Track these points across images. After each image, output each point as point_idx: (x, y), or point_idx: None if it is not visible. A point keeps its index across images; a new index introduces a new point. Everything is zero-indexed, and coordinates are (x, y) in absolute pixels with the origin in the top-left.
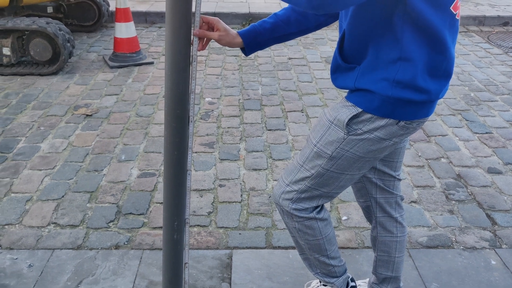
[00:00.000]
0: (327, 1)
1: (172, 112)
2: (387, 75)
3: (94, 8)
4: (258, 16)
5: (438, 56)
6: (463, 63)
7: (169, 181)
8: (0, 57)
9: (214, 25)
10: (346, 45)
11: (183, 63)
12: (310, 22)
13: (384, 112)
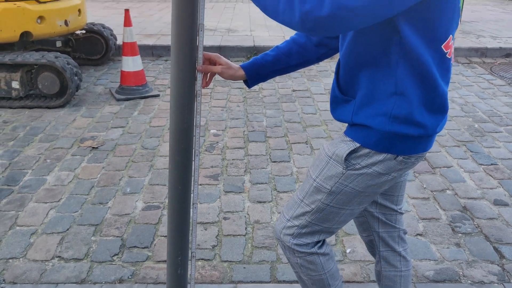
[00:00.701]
0: (320, 24)
1: (176, 146)
2: (383, 109)
3: (101, 42)
4: (262, 49)
5: (430, 92)
6: (466, 94)
7: (173, 216)
8: (9, 90)
9: (215, 61)
10: (342, 76)
11: (187, 99)
12: (311, 54)
13: (382, 147)
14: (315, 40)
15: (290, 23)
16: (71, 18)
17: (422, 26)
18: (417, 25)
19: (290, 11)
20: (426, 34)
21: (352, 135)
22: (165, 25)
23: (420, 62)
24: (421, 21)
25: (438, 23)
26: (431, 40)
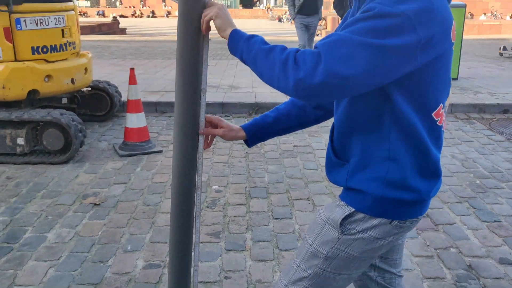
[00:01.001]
0: (313, 92)
1: (177, 208)
2: (377, 174)
3: (106, 99)
4: (264, 106)
5: (422, 157)
6: (466, 150)
7: (174, 276)
8: (14, 146)
9: (217, 123)
10: (336, 140)
11: (190, 162)
12: (310, 116)
13: (377, 212)
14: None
15: (285, 90)
16: (77, 76)
17: (413, 95)
18: (408, 93)
19: (285, 78)
20: (417, 103)
21: (347, 200)
22: (169, 82)
23: (412, 129)
24: (412, 90)
25: (429, 92)
26: (422, 108)
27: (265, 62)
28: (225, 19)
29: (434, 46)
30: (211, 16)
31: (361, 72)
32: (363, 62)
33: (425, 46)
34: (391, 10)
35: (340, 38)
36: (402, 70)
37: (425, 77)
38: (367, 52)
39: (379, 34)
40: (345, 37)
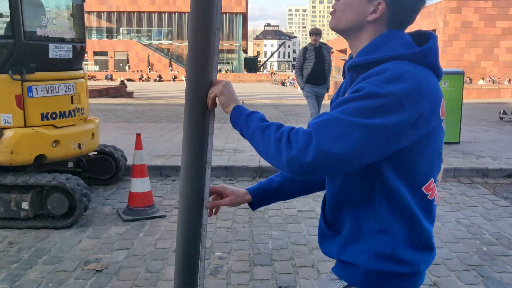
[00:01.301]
0: (305, 169)
1: (181, 279)
2: (368, 247)
3: (112, 163)
4: (268, 170)
5: (414, 230)
6: (472, 215)
7: None
8: (18, 211)
9: (222, 192)
10: (328, 211)
11: (194, 236)
12: (313, 182)
13: (369, 286)
14: None
15: (279, 167)
16: (85, 141)
17: (403, 170)
18: (398, 168)
19: (278, 155)
20: (407, 177)
21: (339, 273)
22: (174, 145)
23: (403, 203)
24: (402, 165)
25: (418, 167)
26: (412, 183)
27: (261, 139)
28: (229, 96)
29: (423, 124)
30: (216, 93)
31: (351, 150)
32: (353, 141)
33: (415, 124)
34: (380, 90)
35: (330, 118)
36: (392, 147)
37: (414, 153)
38: (357, 132)
39: (369, 113)
40: (336, 117)
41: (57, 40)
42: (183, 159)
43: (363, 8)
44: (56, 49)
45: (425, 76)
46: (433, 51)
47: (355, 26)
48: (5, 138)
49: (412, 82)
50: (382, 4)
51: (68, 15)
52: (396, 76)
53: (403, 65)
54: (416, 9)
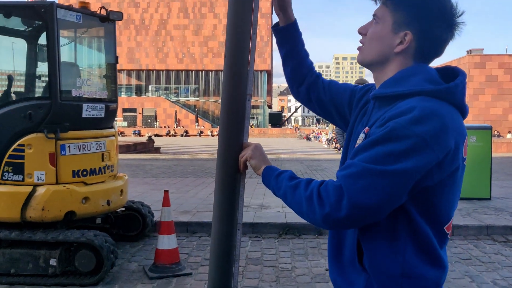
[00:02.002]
0: (340, 223)
1: None
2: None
3: (139, 219)
4: (294, 226)
5: (438, 272)
6: (509, 276)
7: None
8: (46, 267)
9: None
10: (346, 248)
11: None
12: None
13: None
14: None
15: (315, 224)
16: (113, 198)
17: (428, 209)
18: (423, 208)
19: (313, 214)
20: (431, 217)
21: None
22: (201, 201)
23: (428, 243)
24: (428, 205)
25: (443, 206)
26: (436, 222)
27: (293, 199)
28: (260, 159)
29: (448, 163)
30: (247, 157)
31: (384, 198)
32: (385, 190)
33: (441, 164)
34: (407, 132)
35: (359, 170)
36: (420, 186)
37: (439, 193)
38: (388, 180)
39: (396, 158)
40: (364, 168)
41: (91, 100)
42: (214, 219)
43: (390, 40)
44: (89, 108)
45: (450, 115)
46: (460, 89)
47: (381, 58)
48: (37, 195)
49: (438, 122)
50: (409, 35)
51: (101, 74)
52: (422, 117)
53: (429, 103)
54: (444, 40)
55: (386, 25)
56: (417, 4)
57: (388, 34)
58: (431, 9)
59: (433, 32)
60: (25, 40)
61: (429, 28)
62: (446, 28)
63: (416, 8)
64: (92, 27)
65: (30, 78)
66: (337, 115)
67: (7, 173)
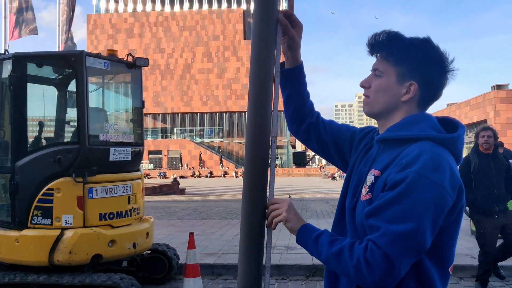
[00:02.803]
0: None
1: None
2: None
3: (165, 261)
4: (321, 268)
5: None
6: None
7: None
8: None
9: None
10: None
11: None
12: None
13: None
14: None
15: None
16: (139, 241)
17: (436, 252)
18: (431, 249)
19: (362, 279)
20: (438, 259)
21: None
22: (226, 242)
23: (430, 283)
24: (436, 248)
25: (449, 248)
26: (442, 264)
27: (339, 266)
28: (295, 221)
29: (457, 204)
30: (281, 220)
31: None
32: (425, 243)
33: (453, 205)
34: (428, 182)
35: (398, 235)
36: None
37: (447, 233)
38: (424, 232)
39: (424, 207)
40: (403, 231)
41: (118, 143)
42: (240, 262)
43: (396, 91)
44: (116, 152)
45: (452, 161)
46: (461, 140)
47: (389, 108)
48: (65, 238)
49: (449, 167)
50: (414, 85)
51: (128, 118)
52: (437, 164)
53: (438, 149)
54: (443, 86)
55: (391, 78)
56: (418, 57)
57: (394, 85)
58: (431, 60)
59: (434, 80)
60: (55, 88)
61: (430, 76)
62: (444, 74)
63: (417, 60)
64: (119, 73)
65: (59, 123)
66: (336, 153)
67: (36, 217)
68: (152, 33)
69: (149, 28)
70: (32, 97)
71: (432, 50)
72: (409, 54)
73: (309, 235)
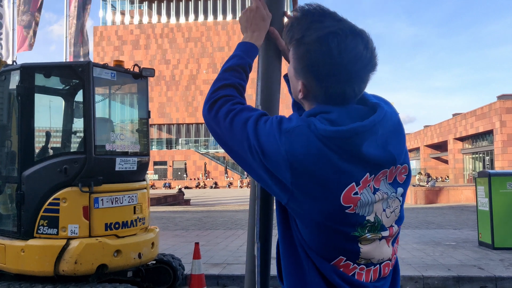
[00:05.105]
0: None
1: None
2: None
3: (170, 272)
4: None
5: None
6: None
7: None
8: None
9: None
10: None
11: None
12: None
13: None
14: None
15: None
16: (145, 251)
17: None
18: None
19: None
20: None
21: None
22: (231, 253)
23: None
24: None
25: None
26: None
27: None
28: (244, 26)
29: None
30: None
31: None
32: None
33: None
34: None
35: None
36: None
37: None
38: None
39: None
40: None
41: (123, 154)
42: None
43: (295, 86)
44: (122, 162)
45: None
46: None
47: (297, 101)
48: (70, 248)
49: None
50: (301, 85)
51: (134, 129)
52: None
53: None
54: (339, 81)
55: (291, 68)
56: (303, 58)
57: (294, 80)
58: (314, 62)
59: (321, 78)
60: (62, 98)
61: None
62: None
63: (302, 60)
64: (126, 83)
65: (66, 133)
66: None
67: (42, 226)
68: (158, 45)
69: (155, 40)
70: (39, 107)
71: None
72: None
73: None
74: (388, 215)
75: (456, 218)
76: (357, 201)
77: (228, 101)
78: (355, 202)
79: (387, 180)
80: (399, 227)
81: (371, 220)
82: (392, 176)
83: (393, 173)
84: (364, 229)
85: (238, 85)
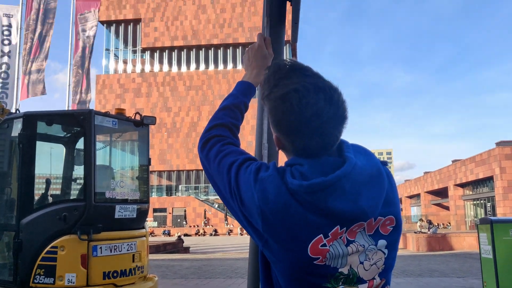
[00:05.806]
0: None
1: None
2: None
3: None
4: None
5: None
6: None
7: None
8: None
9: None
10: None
11: None
12: None
13: None
14: None
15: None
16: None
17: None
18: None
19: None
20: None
21: None
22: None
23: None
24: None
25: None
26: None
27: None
28: (247, 64)
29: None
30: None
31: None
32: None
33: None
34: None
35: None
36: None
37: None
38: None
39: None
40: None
41: (123, 201)
42: None
43: (276, 139)
44: (121, 209)
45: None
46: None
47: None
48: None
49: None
50: (275, 138)
51: (134, 176)
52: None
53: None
54: (303, 136)
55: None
56: (271, 113)
57: (275, 135)
58: (281, 120)
59: (291, 132)
60: (63, 145)
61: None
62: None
63: (270, 115)
64: (127, 131)
65: (66, 181)
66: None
67: (38, 275)
68: (159, 93)
69: (156, 88)
70: (40, 155)
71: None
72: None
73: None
74: (367, 267)
75: (459, 266)
76: (325, 253)
77: (219, 142)
78: (323, 254)
79: (366, 232)
80: (383, 280)
81: (344, 273)
82: (372, 228)
83: (373, 225)
84: (337, 281)
85: (231, 124)
